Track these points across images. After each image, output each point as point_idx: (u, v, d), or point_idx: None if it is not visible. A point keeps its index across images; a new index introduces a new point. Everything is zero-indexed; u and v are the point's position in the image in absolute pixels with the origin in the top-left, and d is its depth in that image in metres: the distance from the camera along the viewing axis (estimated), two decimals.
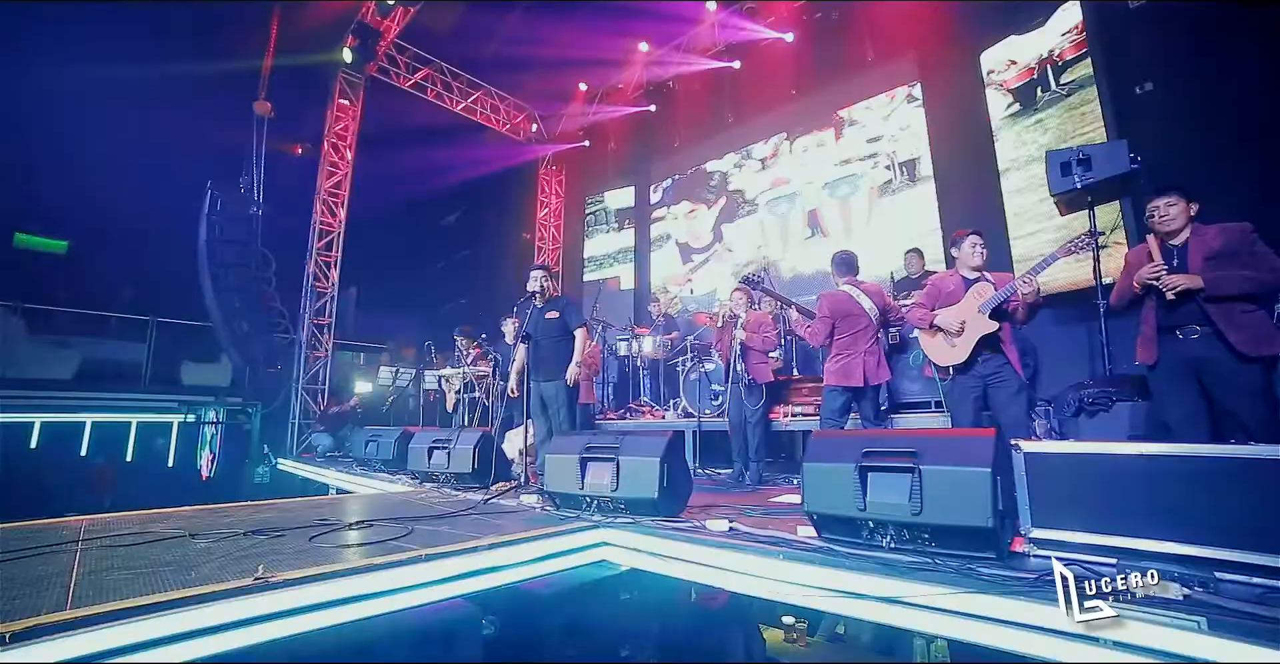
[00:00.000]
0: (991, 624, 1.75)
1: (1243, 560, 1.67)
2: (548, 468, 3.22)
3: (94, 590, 1.73)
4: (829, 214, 7.15)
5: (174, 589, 1.74)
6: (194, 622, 1.67)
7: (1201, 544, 1.75)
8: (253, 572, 1.90)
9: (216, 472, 8.92)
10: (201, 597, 1.71)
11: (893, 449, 2.22)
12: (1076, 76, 5.28)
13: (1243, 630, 1.42)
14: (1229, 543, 1.70)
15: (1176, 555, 1.79)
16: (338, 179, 8.34)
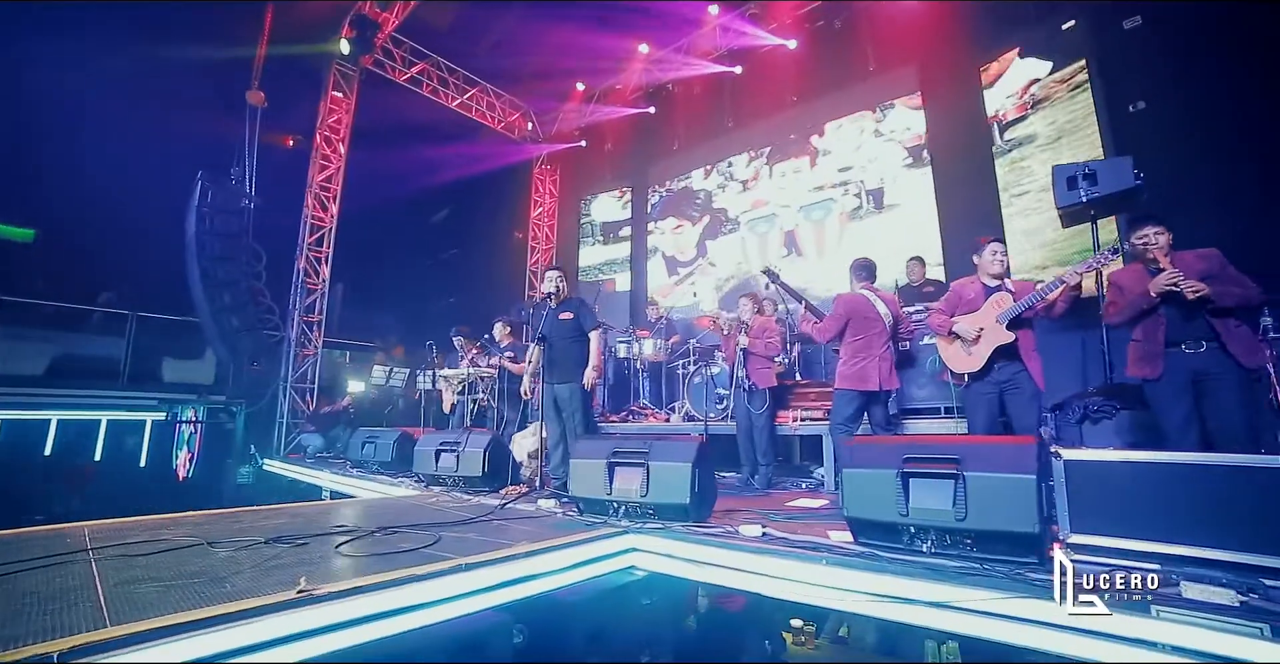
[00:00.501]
0: (1044, 628, 1.79)
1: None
2: (573, 473, 3.19)
3: (129, 605, 1.65)
4: (804, 235, 7.57)
5: (215, 603, 1.66)
6: (240, 638, 1.60)
7: (1243, 551, 1.82)
8: (290, 583, 1.84)
9: (194, 472, 8.61)
10: (245, 612, 1.63)
11: (935, 456, 2.26)
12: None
13: None
14: (1272, 550, 1.78)
15: (1217, 561, 1.85)
16: (329, 173, 8.13)
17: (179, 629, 1.52)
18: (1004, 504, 2.07)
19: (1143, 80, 5.12)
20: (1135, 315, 2.76)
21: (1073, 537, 2.09)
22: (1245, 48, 4.66)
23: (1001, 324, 3.13)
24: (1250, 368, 2.53)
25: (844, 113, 7.33)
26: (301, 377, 7.55)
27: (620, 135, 9.87)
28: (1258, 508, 1.84)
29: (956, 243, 6.00)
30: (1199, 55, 4.87)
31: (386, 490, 4.53)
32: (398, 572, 2.02)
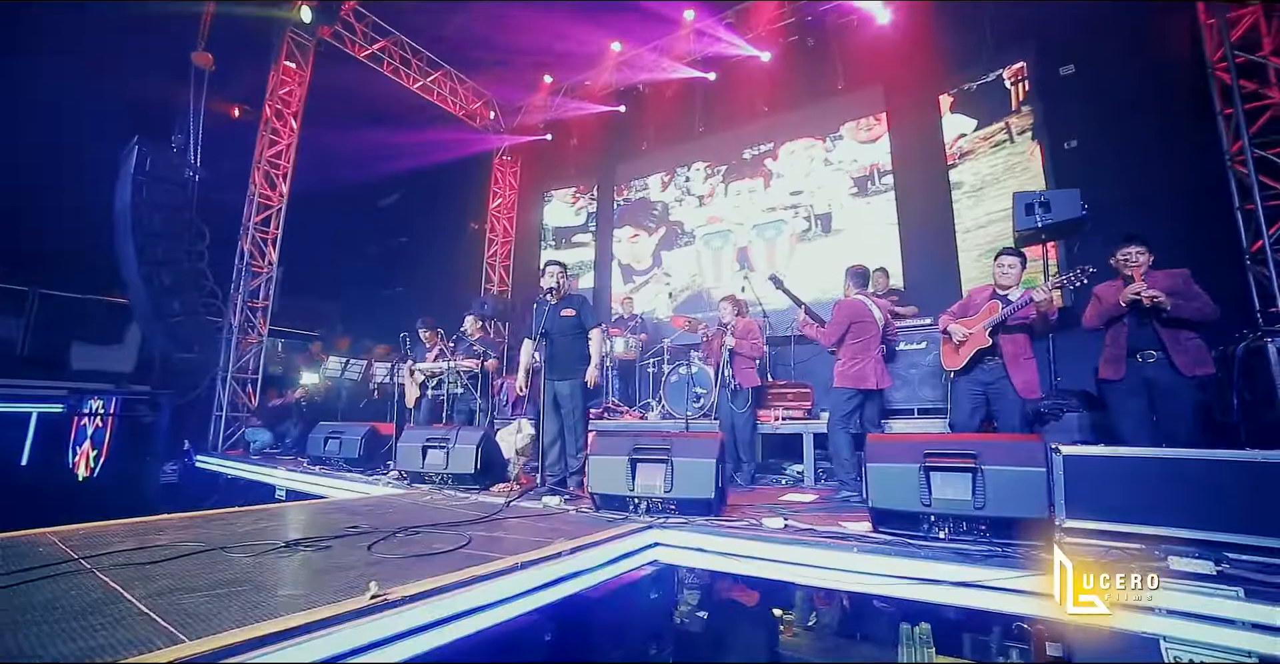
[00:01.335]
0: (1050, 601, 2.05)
1: (1246, 543, 2.09)
2: (592, 469, 3.21)
3: (190, 617, 1.50)
4: (756, 252, 7.97)
5: (285, 612, 1.54)
6: (328, 648, 1.52)
7: (1210, 530, 2.16)
8: (345, 589, 1.76)
9: (100, 471, 7.73)
10: (326, 620, 1.54)
11: (954, 451, 2.50)
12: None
13: (1274, 597, 1.80)
14: (1233, 529, 2.13)
15: (1188, 539, 2.19)
16: (280, 149, 7.53)
17: (271, 640, 1.42)
18: (1018, 494, 2.33)
19: (1076, 121, 5.76)
20: (1104, 321, 3.16)
21: (1068, 522, 2.38)
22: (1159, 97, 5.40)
23: (985, 331, 3.48)
24: (1193, 377, 2.95)
25: (806, 133, 7.72)
26: (243, 367, 6.96)
27: (587, 132, 9.81)
28: (1222, 495, 2.20)
29: (915, 253, 6.50)
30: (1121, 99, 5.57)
31: (366, 489, 4.32)
32: (459, 573, 1.97)
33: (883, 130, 7.18)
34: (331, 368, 6.59)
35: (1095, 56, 5.73)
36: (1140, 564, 2.06)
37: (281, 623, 1.47)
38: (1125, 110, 5.51)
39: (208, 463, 6.41)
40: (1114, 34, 5.64)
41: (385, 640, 1.64)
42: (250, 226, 7.08)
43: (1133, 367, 3.08)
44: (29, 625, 1.44)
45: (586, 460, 3.25)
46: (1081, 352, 4.36)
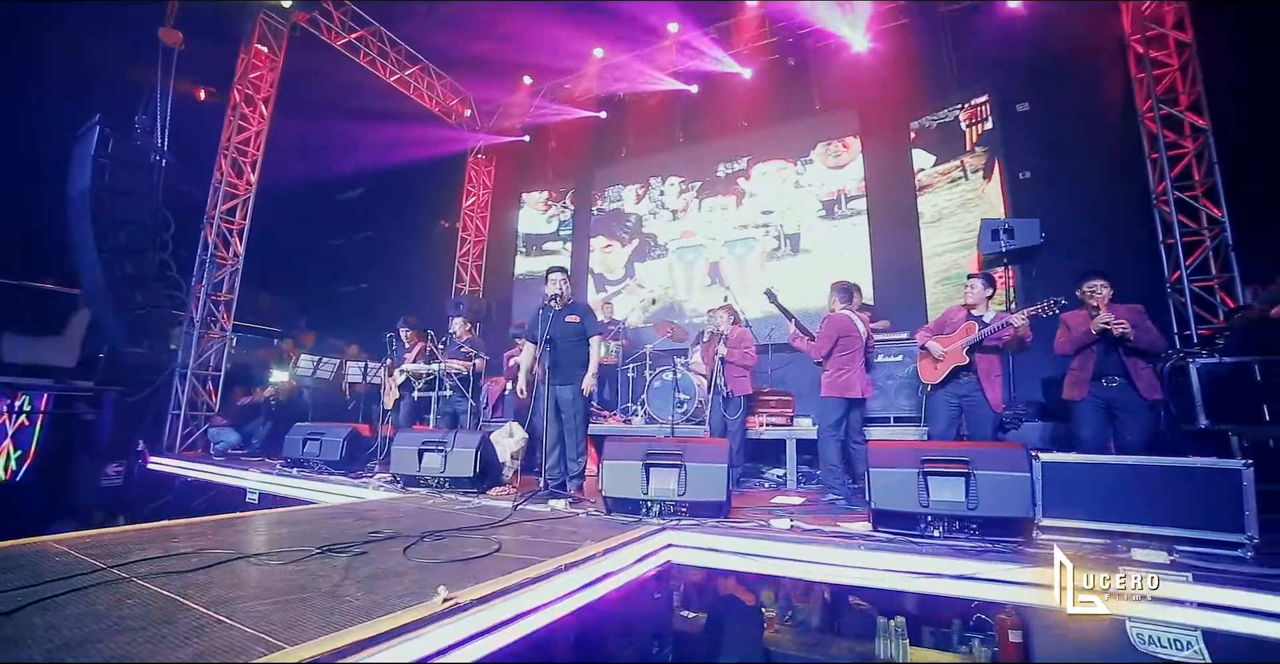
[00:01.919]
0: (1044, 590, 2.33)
1: (1197, 536, 2.44)
2: (606, 473, 3.31)
3: (274, 625, 1.51)
4: (728, 267, 8.25)
5: (364, 618, 1.57)
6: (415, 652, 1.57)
7: (1166, 526, 2.50)
8: (408, 593, 1.82)
9: (26, 472, 7.13)
10: (407, 626, 1.57)
11: (949, 457, 2.77)
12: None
13: (1216, 580, 2.14)
14: (1186, 524, 2.47)
15: (1145, 534, 2.53)
16: (248, 135, 7.18)
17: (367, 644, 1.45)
18: (1006, 495, 2.62)
19: (1030, 154, 6.32)
20: (1078, 348, 3.54)
21: (1044, 520, 2.69)
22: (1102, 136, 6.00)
23: (962, 350, 3.82)
24: (1150, 400, 3.38)
25: (778, 156, 8.04)
26: (205, 363, 6.58)
27: (566, 136, 9.85)
28: (1171, 496, 2.55)
29: (885, 272, 6.92)
30: (1069, 136, 6.15)
31: (358, 493, 4.23)
32: (513, 576, 2.04)
33: (850, 157, 7.60)
34: (303, 366, 6.34)
35: (1048, 96, 6.31)
36: (1110, 557, 2.38)
37: (372, 628, 1.51)
38: (1073, 147, 6.10)
39: (163, 465, 6.04)
40: (1064, 77, 6.24)
41: (460, 642, 1.71)
42: (216, 216, 6.72)
43: (1096, 389, 3.47)
44: (111, 634, 1.43)
45: (600, 465, 3.34)
46: (1029, 368, 4.83)
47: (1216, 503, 2.48)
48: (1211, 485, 2.51)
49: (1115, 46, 5.96)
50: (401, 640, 1.54)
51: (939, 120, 6.99)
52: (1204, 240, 5.36)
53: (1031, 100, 6.47)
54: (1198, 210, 5.41)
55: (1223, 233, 5.26)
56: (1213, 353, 4.04)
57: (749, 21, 7.98)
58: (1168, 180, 5.55)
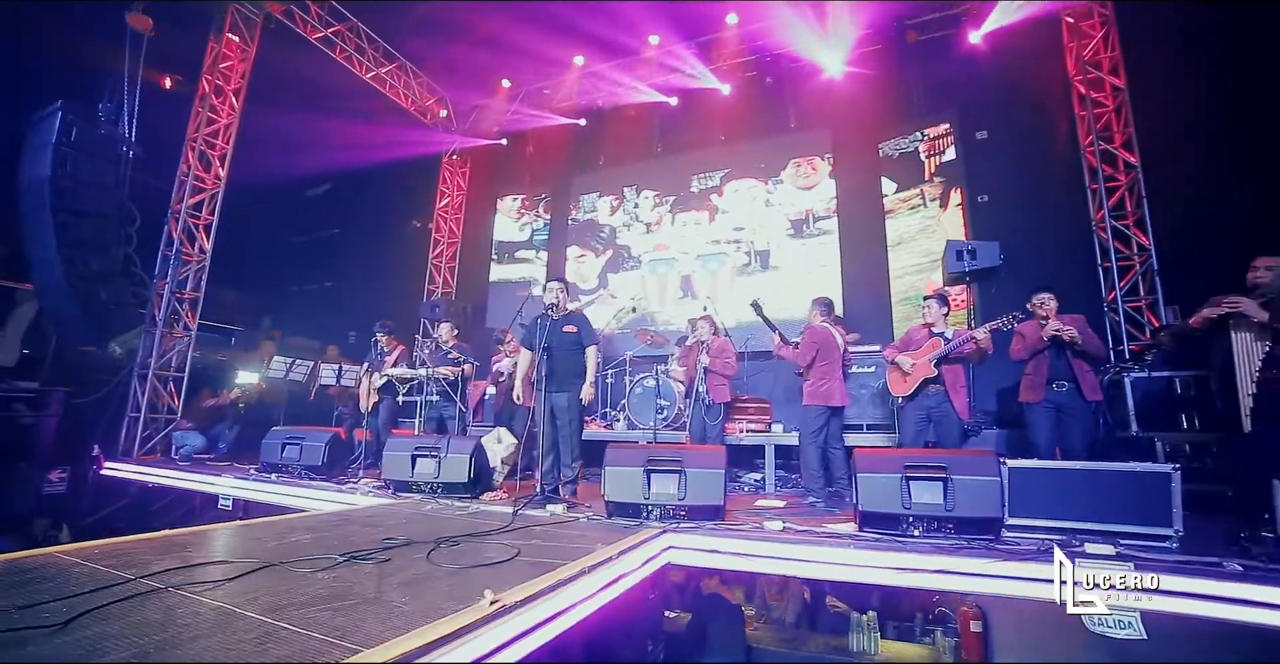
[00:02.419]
0: (1015, 582, 2.62)
1: (1135, 531, 2.79)
2: (609, 479, 3.44)
3: (337, 631, 1.57)
4: (700, 281, 8.47)
5: (422, 620, 1.66)
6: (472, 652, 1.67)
7: (1110, 523, 2.85)
8: (451, 597, 1.91)
9: None
10: (465, 628, 1.67)
11: (928, 464, 3.04)
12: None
13: (1154, 568, 2.46)
14: (1126, 521, 2.82)
15: (1095, 530, 2.87)
16: (217, 128, 6.91)
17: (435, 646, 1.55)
18: (979, 498, 2.91)
19: (989, 178, 6.82)
20: (1032, 354, 3.92)
21: (1011, 519, 3.00)
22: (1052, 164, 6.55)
23: (930, 363, 4.15)
24: (1093, 402, 3.79)
25: (751, 174, 8.34)
26: (166, 363, 6.28)
27: (544, 142, 9.88)
28: (1116, 496, 2.90)
29: (854, 287, 7.30)
30: (1023, 164, 6.68)
31: (349, 500, 4.19)
32: (545, 579, 2.15)
33: (819, 179, 7.96)
34: (275, 368, 6.15)
35: (1005, 125, 6.83)
36: (1067, 550, 2.69)
37: (436, 630, 1.60)
38: (1027, 173, 6.63)
39: (118, 470, 5.74)
40: (1020, 108, 6.78)
41: (507, 643, 1.81)
42: (182, 211, 6.43)
43: (1049, 392, 3.86)
44: (183, 642, 1.47)
45: (603, 471, 3.47)
46: (985, 380, 5.25)
47: (1150, 501, 2.84)
48: (1146, 486, 2.88)
49: (1064, 84, 6.53)
50: (463, 641, 1.64)
51: (900, 150, 7.45)
52: (1134, 265, 5.95)
53: (990, 129, 6.98)
54: (1130, 238, 6.00)
55: (1150, 259, 5.86)
56: (1144, 368, 4.55)
57: (728, 39, 8.25)
58: (1105, 209, 6.14)
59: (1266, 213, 4.91)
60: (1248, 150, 5.19)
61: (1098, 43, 6.36)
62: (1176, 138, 5.74)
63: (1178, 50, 5.81)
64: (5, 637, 1.44)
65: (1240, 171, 5.19)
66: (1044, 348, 3.87)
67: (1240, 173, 5.18)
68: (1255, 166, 5.12)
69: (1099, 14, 6.39)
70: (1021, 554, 2.69)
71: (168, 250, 6.37)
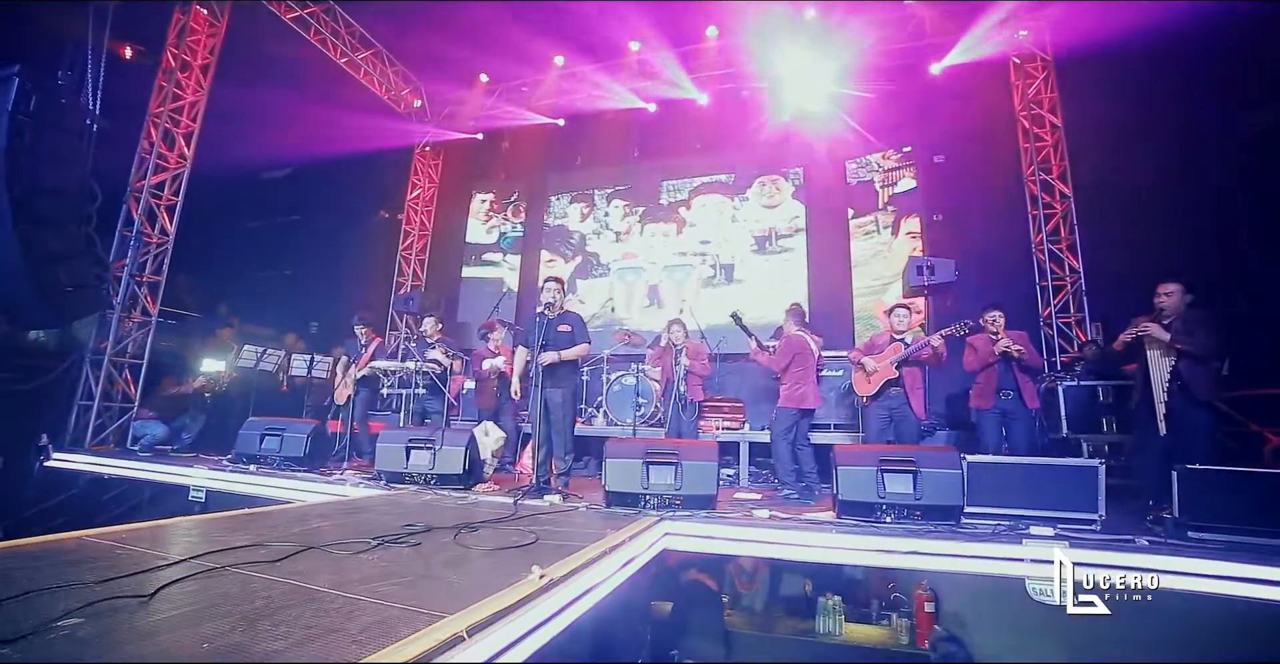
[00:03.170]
0: (975, 560, 3.01)
1: (1069, 516, 3.25)
2: (608, 470, 3.64)
3: (418, 600, 1.70)
4: (666, 291, 8.77)
5: (484, 595, 1.79)
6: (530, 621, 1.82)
7: (1050, 510, 3.30)
8: (506, 574, 2.05)
9: None
10: (529, 597, 1.84)
11: (900, 458, 3.42)
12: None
13: (1084, 545, 2.91)
14: (1062, 507, 3.28)
15: (1037, 516, 3.31)
16: (183, 105, 6.60)
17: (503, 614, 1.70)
18: (943, 488, 3.30)
19: (944, 198, 7.42)
20: (983, 366, 4.39)
21: (969, 507, 3.41)
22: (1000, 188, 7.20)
23: (893, 365, 4.57)
24: (1031, 408, 4.30)
25: (718, 190, 8.69)
26: (123, 350, 5.95)
27: (520, 139, 9.88)
28: (1053, 487, 3.36)
29: (819, 298, 7.76)
30: (974, 187, 7.32)
31: (339, 491, 4.19)
32: (575, 558, 2.33)
33: (782, 199, 8.40)
34: (246, 357, 5.94)
35: (960, 151, 7.46)
36: (1015, 533, 3.11)
37: (502, 600, 1.76)
38: (979, 196, 7.26)
39: (67, 461, 5.42)
40: (974, 136, 7.40)
41: (556, 613, 2.00)
42: (144, 190, 6.12)
43: (997, 400, 4.34)
44: (279, 609, 1.57)
45: (605, 463, 3.66)
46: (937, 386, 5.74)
47: (1081, 491, 3.31)
48: (1078, 479, 3.35)
49: (1012, 118, 7.21)
50: (524, 611, 1.81)
51: (859, 179, 8.01)
52: (1066, 285, 6.66)
53: (947, 154, 7.60)
54: (1063, 260, 6.71)
55: (1079, 281, 6.58)
56: (1074, 378, 5.15)
57: (708, 50, 8.55)
58: (1043, 234, 6.83)
59: (1179, 240, 5.68)
60: (1165, 186, 5.95)
61: (1039, 83, 7.07)
62: (1105, 172, 6.48)
63: (1108, 95, 6.54)
64: (97, 608, 1.50)
65: (1157, 204, 5.94)
66: (995, 361, 4.35)
67: (1157, 205, 5.93)
68: (1171, 200, 5.88)
69: (1040, 59, 7.10)
70: (980, 537, 3.09)
71: (127, 231, 6.05)
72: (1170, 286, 3.77)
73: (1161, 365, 3.74)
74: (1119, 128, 6.33)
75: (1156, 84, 6.11)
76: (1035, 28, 6.99)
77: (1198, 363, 3.59)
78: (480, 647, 1.56)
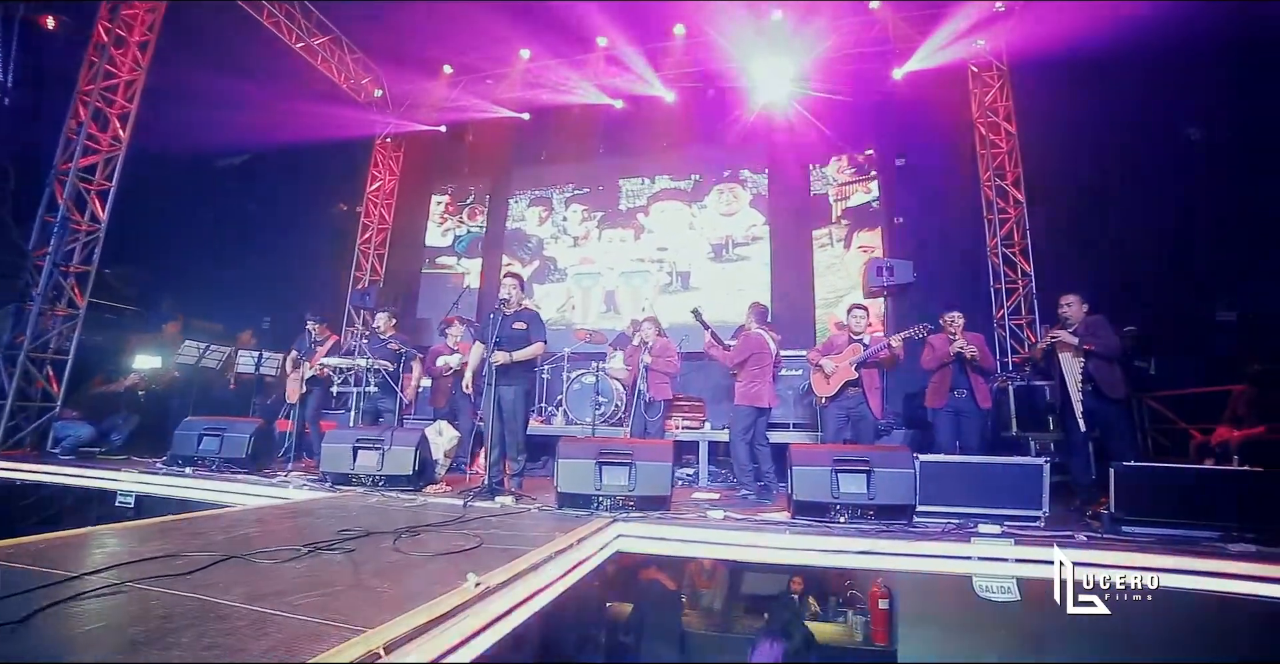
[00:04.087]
0: (926, 559, 3.03)
1: (1015, 513, 3.31)
2: (560, 470, 3.54)
3: (335, 613, 1.59)
4: (622, 296, 8.71)
5: (413, 604, 1.69)
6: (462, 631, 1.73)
7: (997, 507, 3.36)
8: (433, 582, 1.95)
9: None
10: (461, 606, 1.75)
11: (854, 457, 3.42)
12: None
13: (1029, 542, 2.96)
14: (1008, 505, 3.34)
15: (986, 514, 3.37)
16: (117, 83, 6.18)
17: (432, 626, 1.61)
18: (896, 488, 3.31)
19: (906, 200, 7.54)
20: (940, 365, 4.46)
21: (921, 506, 3.44)
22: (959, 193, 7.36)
23: (851, 366, 4.60)
24: (983, 409, 4.40)
25: (677, 196, 8.65)
26: (43, 345, 5.53)
27: (484, 133, 9.66)
28: (1002, 484, 3.42)
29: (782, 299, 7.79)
30: (935, 190, 7.46)
31: (283, 494, 3.97)
32: (517, 564, 2.24)
33: (739, 207, 8.41)
34: (186, 353, 5.59)
35: (921, 154, 7.60)
36: (964, 531, 3.15)
37: (431, 611, 1.66)
38: (940, 199, 7.42)
39: None
40: (934, 140, 7.55)
41: (493, 621, 1.91)
42: (71, 173, 5.70)
43: (951, 399, 4.42)
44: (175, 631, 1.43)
45: (557, 464, 3.56)
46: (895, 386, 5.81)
47: (1026, 488, 3.38)
48: (1023, 476, 3.42)
49: (971, 123, 7.38)
50: (456, 621, 1.71)
51: (815, 192, 8.09)
52: (1019, 288, 6.86)
53: (909, 157, 7.73)
54: (1016, 263, 6.91)
55: (1030, 284, 6.78)
56: (1023, 378, 5.30)
57: (675, 49, 8.51)
58: (998, 238, 7.02)
59: (1129, 245, 5.91)
60: (1116, 193, 6.18)
61: (995, 92, 7.26)
62: (1056, 179, 6.70)
63: (1062, 103, 6.75)
64: None
65: (1107, 210, 6.16)
66: (950, 361, 4.42)
67: (1107, 211, 6.15)
68: (1121, 206, 6.11)
69: (997, 67, 7.30)
70: (931, 535, 3.11)
71: (50, 216, 5.63)
72: (1070, 298, 4.15)
73: (1074, 368, 4.03)
74: (1073, 136, 6.54)
75: (1109, 92, 6.34)
76: (991, 37, 7.17)
77: (1105, 362, 3.91)
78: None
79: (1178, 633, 3.28)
